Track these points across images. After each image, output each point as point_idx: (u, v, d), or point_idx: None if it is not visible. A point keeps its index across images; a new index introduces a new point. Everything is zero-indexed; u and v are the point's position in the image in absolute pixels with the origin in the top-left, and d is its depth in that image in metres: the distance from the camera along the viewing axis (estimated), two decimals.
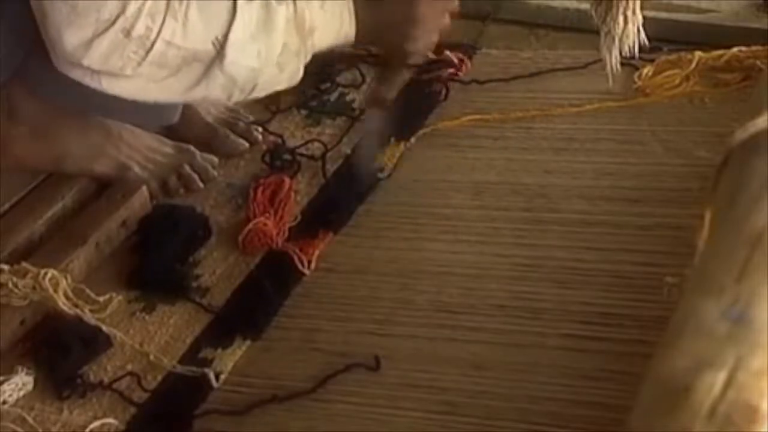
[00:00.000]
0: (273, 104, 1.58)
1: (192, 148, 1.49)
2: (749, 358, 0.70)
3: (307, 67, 1.27)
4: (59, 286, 1.26)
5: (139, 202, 1.42)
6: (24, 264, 1.28)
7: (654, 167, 1.42)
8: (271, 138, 1.56)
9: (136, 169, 1.44)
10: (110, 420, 1.15)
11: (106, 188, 1.45)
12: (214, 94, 1.21)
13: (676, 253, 1.18)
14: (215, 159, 1.50)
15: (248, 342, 1.23)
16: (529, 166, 1.46)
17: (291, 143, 1.55)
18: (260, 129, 1.56)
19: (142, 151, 1.45)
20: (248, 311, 1.27)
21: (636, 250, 1.27)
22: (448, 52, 1.68)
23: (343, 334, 1.22)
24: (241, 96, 1.24)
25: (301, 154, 1.52)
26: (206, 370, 1.19)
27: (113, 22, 1.13)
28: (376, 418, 1.11)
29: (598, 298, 1.21)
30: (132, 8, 1.13)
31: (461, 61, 1.68)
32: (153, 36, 1.15)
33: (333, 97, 1.64)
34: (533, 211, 1.36)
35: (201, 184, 1.46)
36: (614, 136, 1.49)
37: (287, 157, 1.51)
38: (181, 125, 1.48)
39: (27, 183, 1.45)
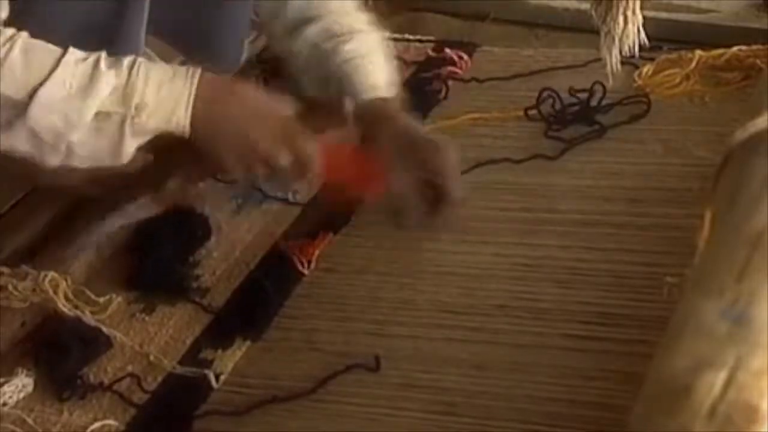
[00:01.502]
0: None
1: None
2: (749, 358, 0.70)
3: None
4: (59, 288, 1.26)
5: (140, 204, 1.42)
6: (24, 266, 1.28)
7: (654, 167, 1.42)
8: None
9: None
10: (110, 421, 1.15)
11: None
12: (21, 147, 1.13)
13: (676, 253, 1.18)
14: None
15: (248, 342, 1.23)
16: (530, 165, 1.45)
17: None
18: None
19: None
20: (248, 312, 1.27)
21: (636, 250, 1.27)
22: (448, 50, 1.68)
23: (343, 335, 1.22)
24: (59, 157, 1.14)
25: None
26: (206, 370, 1.19)
27: None
28: (377, 418, 1.11)
29: (598, 298, 1.21)
30: None
31: (461, 59, 1.68)
32: None
33: None
34: (533, 211, 1.36)
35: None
36: (615, 135, 1.49)
37: None
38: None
39: (27, 184, 1.45)
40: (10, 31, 1.10)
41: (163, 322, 1.27)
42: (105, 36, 1.21)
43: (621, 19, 1.33)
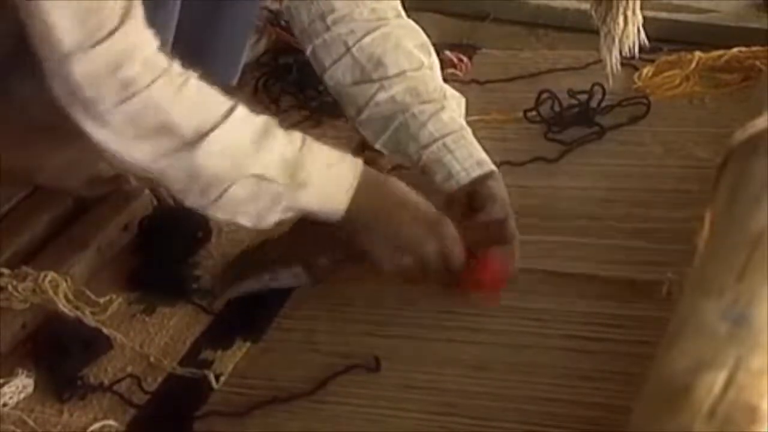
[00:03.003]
0: None
1: None
2: (749, 358, 0.70)
3: None
4: (59, 289, 1.26)
5: (141, 206, 1.42)
6: (24, 267, 1.29)
7: (654, 168, 1.42)
8: None
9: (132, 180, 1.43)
10: (110, 422, 1.15)
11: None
12: (173, 176, 1.13)
13: (676, 253, 1.18)
14: None
15: (248, 343, 1.23)
16: (529, 166, 1.45)
17: None
18: None
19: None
20: (248, 313, 1.27)
21: (636, 250, 1.27)
22: (448, 52, 1.68)
23: (343, 336, 1.22)
24: (201, 201, 1.14)
25: None
26: (206, 371, 1.19)
27: (101, 41, 1.07)
28: (377, 419, 1.11)
29: (598, 298, 1.21)
30: (124, 45, 1.08)
31: (461, 60, 1.68)
32: (140, 86, 1.08)
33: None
34: (533, 212, 1.36)
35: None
36: (614, 137, 1.49)
37: None
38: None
39: (27, 185, 1.45)
40: (178, 66, 1.10)
41: (164, 323, 1.27)
42: None
43: (621, 19, 1.33)
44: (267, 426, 1.12)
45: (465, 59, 1.69)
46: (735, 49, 1.58)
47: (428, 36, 1.39)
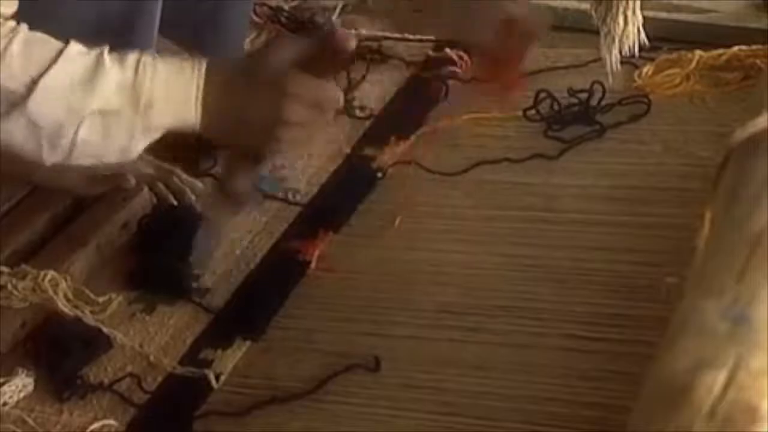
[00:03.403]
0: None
1: (176, 169, 1.47)
2: (749, 358, 0.70)
3: None
4: (59, 288, 1.26)
5: (141, 204, 1.42)
6: (24, 266, 1.28)
7: (654, 167, 1.42)
8: None
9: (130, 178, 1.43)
10: (110, 421, 1.15)
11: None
12: (19, 139, 1.09)
13: (676, 253, 1.18)
14: (199, 184, 1.46)
15: (248, 343, 1.23)
16: (529, 165, 1.45)
17: None
18: None
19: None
20: (248, 312, 1.27)
21: (636, 250, 1.27)
22: (448, 50, 1.68)
23: (342, 335, 1.22)
24: (56, 154, 1.10)
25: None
26: (206, 371, 1.19)
27: None
28: (376, 419, 1.11)
29: (598, 298, 1.21)
30: None
31: (461, 59, 1.68)
32: None
33: None
34: (533, 211, 1.36)
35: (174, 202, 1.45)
36: (614, 135, 1.49)
37: None
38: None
39: (26, 184, 1.45)
40: (10, 23, 1.08)
41: (163, 322, 1.27)
42: (117, 36, 1.20)
43: (621, 19, 1.33)
44: (267, 426, 1.12)
45: (465, 57, 1.69)
46: (735, 48, 1.57)
47: (428, 36, 1.39)
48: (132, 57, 1.11)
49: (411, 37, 1.76)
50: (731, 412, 0.67)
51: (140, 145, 1.13)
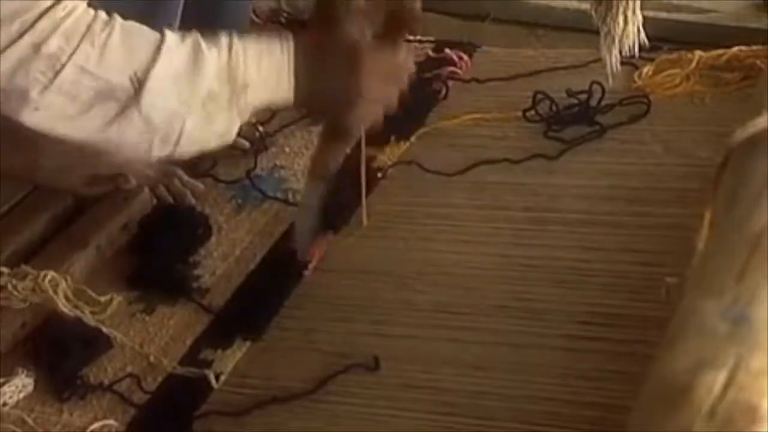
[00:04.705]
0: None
1: (177, 170, 1.47)
2: (749, 358, 0.70)
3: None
4: (59, 288, 1.26)
5: (141, 205, 1.42)
6: (24, 266, 1.29)
7: (654, 167, 1.42)
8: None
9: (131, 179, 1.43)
10: (110, 421, 1.15)
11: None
12: (130, 138, 1.09)
13: (676, 253, 1.18)
14: (199, 185, 1.47)
15: (248, 343, 1.23)
16: (529, 165, 1.45)
17: (291, 142, 1.55)
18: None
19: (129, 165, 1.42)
20: (248, 312, 1.27)
21: (636, 250, 1.27)
22: (448, 50, 1.68)
23: (342, 335, 1.22)
24: (165, 148, 1.11)
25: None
26: (206, 371, 1.19)
27: (21, 35, 1.03)
28: (376, 418, 1.11)
29: (598, 298, 1.21)
30: (44, 24, 1.03)
31: (461, 59, 1.68)
32: (64, 58, 1.03)
33: None
34: (533, 211, 1.36)
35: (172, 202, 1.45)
36: (614, 135, 1.49)
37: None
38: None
39: (27, 185, 1.45)
40: (103, 15, 1.07)
41: (163, 322, 1.27)
42: None
43: (621, 19, 1.33)
44: (267, 425, 1.12)
45: (465, 57, 1.69)
46: (735, 48, 1.57)
47: (428, 36, 1.39)
48: (224, 39, 1.12)
49: (411, 37, 1.76)
50: (731, 412, 0.67)
51: (237, 126, 1.15)
